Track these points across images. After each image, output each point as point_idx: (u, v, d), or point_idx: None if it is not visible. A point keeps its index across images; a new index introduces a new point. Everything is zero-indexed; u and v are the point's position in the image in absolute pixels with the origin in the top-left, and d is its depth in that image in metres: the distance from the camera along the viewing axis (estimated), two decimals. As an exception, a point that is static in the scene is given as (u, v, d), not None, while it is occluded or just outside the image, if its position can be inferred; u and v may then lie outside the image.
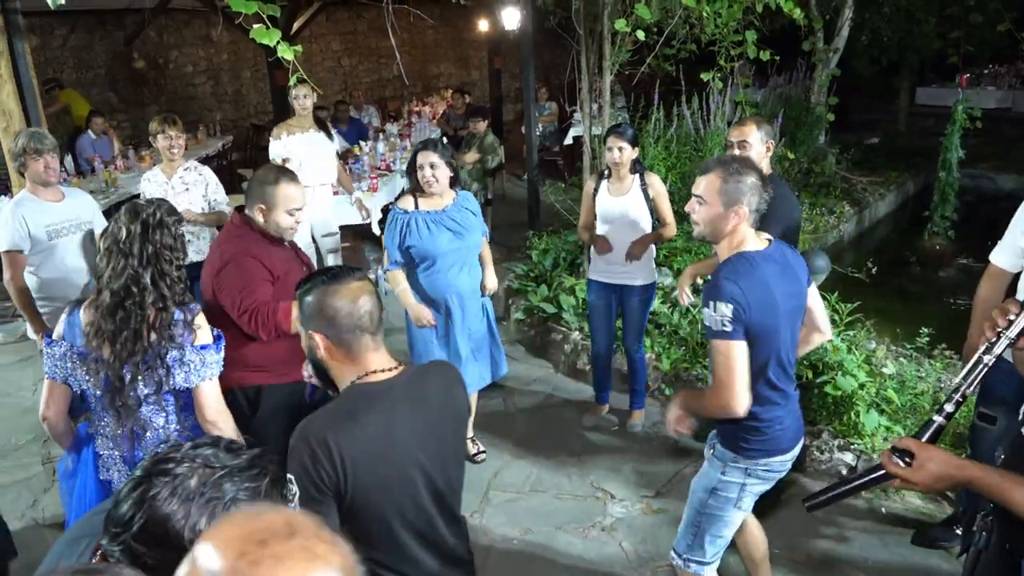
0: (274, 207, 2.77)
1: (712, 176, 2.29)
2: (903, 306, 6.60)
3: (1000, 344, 1.70)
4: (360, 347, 1.75)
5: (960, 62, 9.99)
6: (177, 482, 1.06)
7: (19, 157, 3.62)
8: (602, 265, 4.08)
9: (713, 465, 2.48)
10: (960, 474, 1.59)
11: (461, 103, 10.15)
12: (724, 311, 2.16)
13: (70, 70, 10.08)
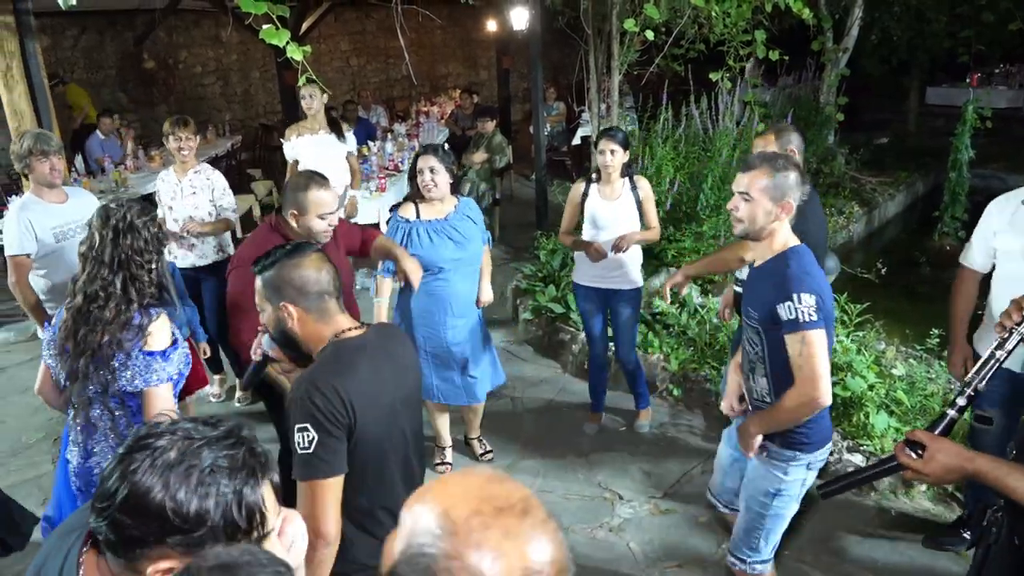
0: (305, 212, 2.83)
1: (758, 172, 2.31)
2: (912, 307, 6.56)
3: (1012, 340, 1.73)
4: (330, 310, 1.93)
5: (971, 61, 9.94)
6: (157, 454, 1.07)
7: (24, 158, 3.59)
8: (589, 269, 3.99)
9: (772, 467, 2.45)
10: (970, 466, 1.60)
11: (469, 103, 10.16)
12: (810, 301, 2.18)
13: (80, 70, 10.14)
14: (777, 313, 2.23)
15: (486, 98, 13.11)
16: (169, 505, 1.04)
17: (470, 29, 14.17)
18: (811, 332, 2.18)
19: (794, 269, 2.24)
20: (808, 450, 2.40)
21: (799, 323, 2.18)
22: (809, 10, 5.70)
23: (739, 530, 2.61)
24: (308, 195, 2.83)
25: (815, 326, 2.18)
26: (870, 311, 4.55)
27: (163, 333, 2.40)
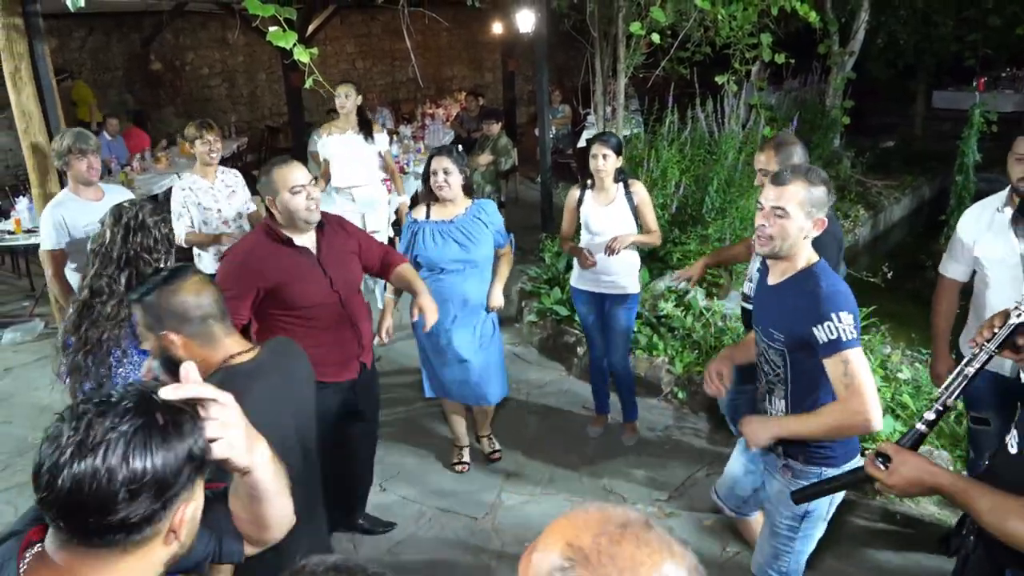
0: (276, 192, 2.78)
1: (795, 187, 2.17)
2: (918, 311, 6.51)
3: (981, 357, 1.74)
4: (216, 334, 1.88)
5: (978, 65, 9.91)
6: (69, 440, 1.05)
7: (63, 156, 3.72)
8: (586, 274, 3.99)
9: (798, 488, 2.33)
10: (931, 480, 1.63)
11: (475, 105, 10.18)
12: (848, 320, 2.07)
13: (88, 72, 10.19)
14: (814, 335, 2.09)
15: (491, 100, 13.12)
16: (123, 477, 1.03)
17: (476, 32, 14.19)
18: (853, 351, 2.06)
19: (826, 287, 2.12)
20: (835, 464, 2.27)
21: (841, 343, 2.06)
22: (815, 13, 5.69)
23: (767, 555, 2.48)
24: (272, 175, 2.79)
25: (855, 344, 2.07)
26: (875, 315, 4.55)
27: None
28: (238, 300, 2.70)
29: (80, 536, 1.05)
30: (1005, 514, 1.51)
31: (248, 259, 2.82)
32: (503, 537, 3.54)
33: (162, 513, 1.06)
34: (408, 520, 3.68)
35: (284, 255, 2.84)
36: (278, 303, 2.82)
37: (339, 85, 5.29)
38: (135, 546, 1.07)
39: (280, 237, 2.84)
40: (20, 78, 4.49)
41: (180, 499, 1.08)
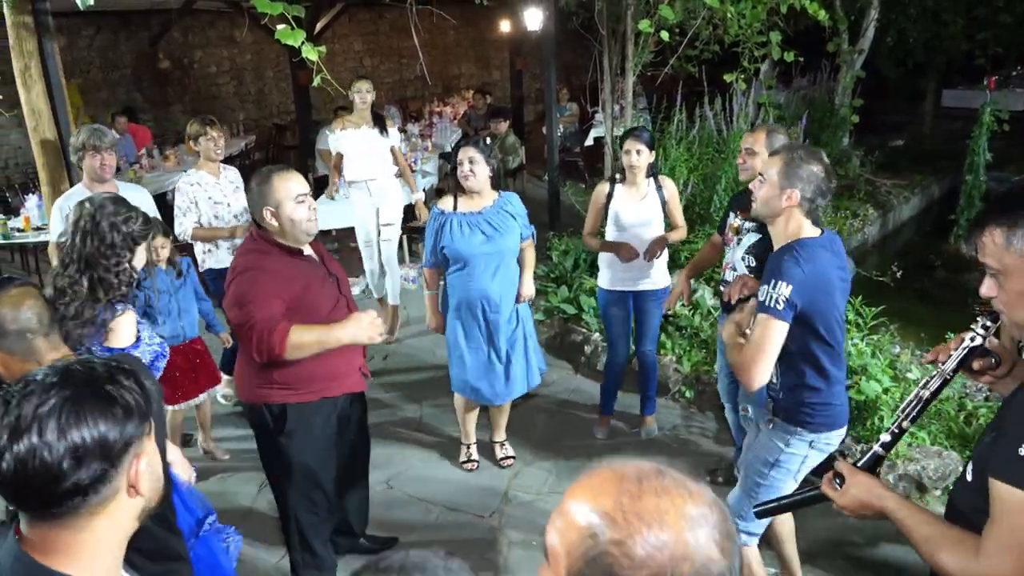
0: (279, 202, 2.62)
1: (776, 157, 2.41)
2: (927, 310, 6.52)
3: (935, 380, 1.74)
4: (38, 349, 1.82)
5: (988, 64, 9.84)
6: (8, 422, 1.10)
7: (78, 151, 3.78)
8: (619, 273, 3.98)
9: (775, 437, 2.52)
10: (878, 503, 1.63)
11: (482, 103, 10.17)
12: (783, 291, 2.22)
13: (96, 70, 10.22)
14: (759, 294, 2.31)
15: (499, 98, 13.10)
16: (65, 449, 1.07)
17: (483, 29, 14.17)
18: (770, 319, 2.24)
19: (787, 258, 2.28)
20: (811, 429, 2.46)
21: (764, 305, 2.25)
22: (825, 11, 5.67)
23: (733, 496, 2.66)
24: (272, 184, 2.63)
25: (774, 314, 2.23)
26: (885, 314, 4.52)
27: (127, 330, 2.38)
28: (272, 300, 2.59)
29: (41, 509, 1.11)
30: (937, 546, 1.49)
31: (267, 267, 2.65)
32: (511, 535, 3.53)
33: (113, 472, 1.12)
34: (415, 518, 3.68)
35: (298, 265, 2.73)
36: (293, 316, 2.67)
37: (358, 80, 5.34)
38: (99, 506, 1.13)
39: (289, 248, 2.71)
40: (30, 76, 4.51)
41: (129, 455, 1.14)
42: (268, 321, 2.54)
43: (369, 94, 5.40)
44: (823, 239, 2.39)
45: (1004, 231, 1.46)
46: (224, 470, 4.11)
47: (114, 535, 1.17)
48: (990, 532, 1.41)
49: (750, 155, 3.29)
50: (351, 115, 5.54)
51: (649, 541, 0.84)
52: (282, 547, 3.38)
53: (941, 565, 1.48)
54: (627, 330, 4.18)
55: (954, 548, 1.46)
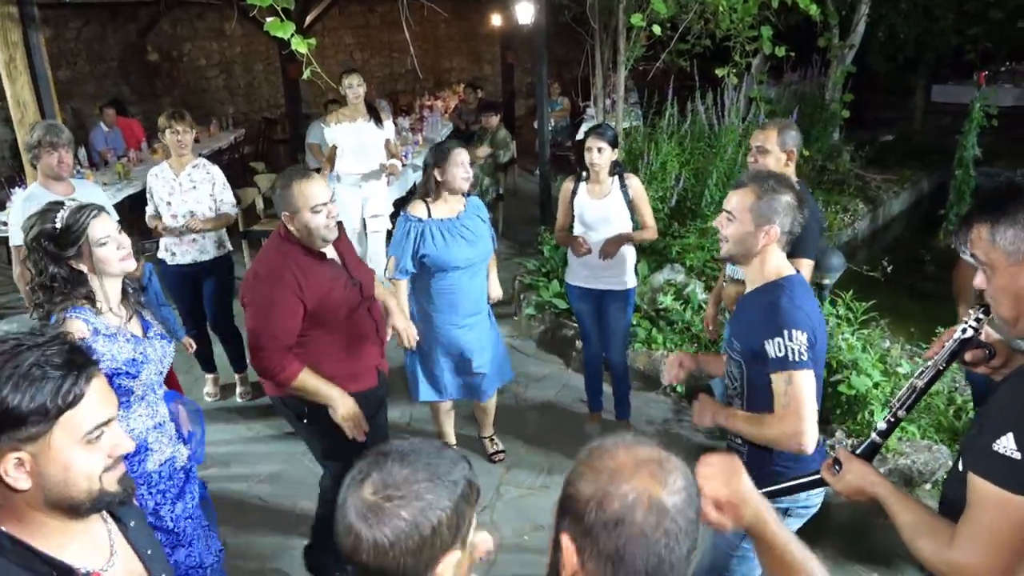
0: (297, 210, 2.60)
1: (745, 191, 2.16)
2: (917, 305, 6.53)
3: (929, 371, 1.76)
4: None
5: (978, 59, 9.86)
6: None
7: (33, 149, 3.65)
8: (581, 270, 3.95)
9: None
10: (870, 489, 1.69)
11: (473, 98, 10.14)
12: (801, 339, 2.02)
13: (83, 62, 10.11)
14: (765, 350, 2.06)
15: (490, 93, 13.08)
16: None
17: (474, 23, 14.13)
18: (799, 372, 2.02)
19: (786, 302, 2.07)
20: (787, 493, 2.10)
21: (787, 361, 2.02)
22: (816, 6, 5.66)
23: (702, 566, 2.41)
24: (294, 189, 2.59)
25: (803, 366, 2.02)
26: (875, 309, 4.52)
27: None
28: (287, 319, 2.59)
29: None
30: (917, 532, 1.55)
31: (284, 274, 2.61)
32: (502, 530, 3.52)
33: None
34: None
35: (319, 267, 2.70)
36: (313, 319, 2.66)
37: (347, 75, 5.30)
38: None
39: (310, 251, 2.68)
40: (15, 67, 4.47)
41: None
42: (282, 353, 2.60)
43: (360, 88, 5.36)
44: (800, 277, 2.21)
45: (989, 228, 1.49)
46: (216, 467, 4.08)
47: (17, 508, 1.23)
48: (963, 522, 1.46)
49: (762, 154, 3.17)
50: (345, 108, 5.51)
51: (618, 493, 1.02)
52: (273, 538, 3.37)
53: (918, 550, 1.55)
54: (596, 326, 4.11)
55: (932, 535, 1.52)
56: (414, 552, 1.12)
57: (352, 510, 1.13)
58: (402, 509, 1.12)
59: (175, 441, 2.52)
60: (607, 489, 1.02)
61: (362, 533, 1.11)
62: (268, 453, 4.22)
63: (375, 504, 1.12)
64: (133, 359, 2.29)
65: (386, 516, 1.12)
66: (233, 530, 3.52)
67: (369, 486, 1.14)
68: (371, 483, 1.14)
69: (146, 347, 2.35)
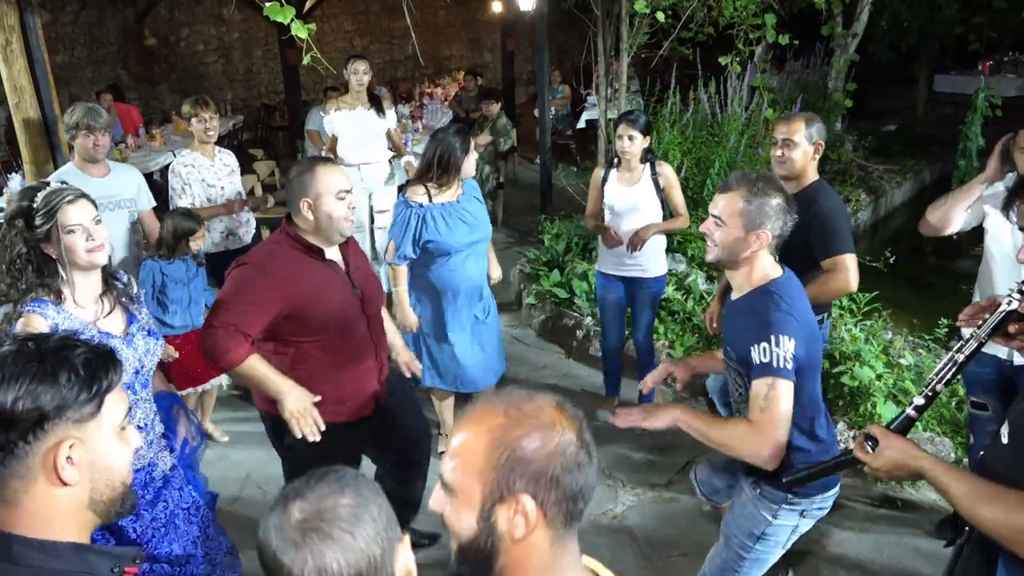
0: (319, 195, 2.45)
1: (733, 195, 2.09)
2: (919, 296, 6.52)
3: (971, 344, 1.74)
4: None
5: (982, 49, 9.79)
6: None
7: (71, 130, 3.70)
8: (612, 257, 3.97)
9: (761, 507, 2.21)
10: (914, 464, 1.65)
11: (473, 85, 10.07)
12: (788, 347, 1.97)
13: (81, 47, 10.03)
14: (751, 355, 2.01)
15: (490, 80, 13.00)
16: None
17: (475, 10, 14.03)
18: (782, 381, 1.96)
19: (775, 308, 2.02)
20: (805, 494, 2.16)
21: (771, 368, 1.96)
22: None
23: (713, 566, 2.39)
24: (316, 175, 2.46)
25: (786, 375, 1.96)
26: (877, 300, 4.50)
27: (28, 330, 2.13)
28: (254, 308, 2.41)
29: None
30: (976, 499, 1.53)
31: (270, 267, 2.47)
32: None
33: (20, 447, 1.10)
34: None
35: (315, 268, 2.52)
36: (300, 325, 2.48)
37: (354, 60, 5.20)
38: (16, 481, 1.10)
39: (309, 247, 2.52)
40: (11, 51, 4.41)
41: (43, 437, 1.11)
42: (233, 335, 2.37)
43: (366, 75, 5.27)
44: (789, 275, 2.16)
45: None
46: (218, 457, 4.06)
47: (49, 521, 1.14)
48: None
49: (788, 147, 3.03)
50: (346, 95, 5.42)
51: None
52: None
53: (978, 518, 1.53)
54: (619, 317, 4.15)
55: (993, 502, 1.50)
56: (375, 539, 1.15)
57: (288, 538, 1.12)
58: (340, 499, 1.15)
59: (159, 447, 2.37)
60: (555, 439, 1.11)
61: (320, 549, 1.11)
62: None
63: (313, 513, 1.13)
64: None
65: (329, 515, 1.13)
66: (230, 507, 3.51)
67: (295, 510, 1.13)
68: (295, 507, 1.14)
69: (116, 344, 2.17)
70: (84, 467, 1.15)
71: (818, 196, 3.04)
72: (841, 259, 2.95)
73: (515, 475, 1.07)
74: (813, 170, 3.12)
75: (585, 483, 1.12)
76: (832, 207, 3.03)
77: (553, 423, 1.12)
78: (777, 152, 3.07)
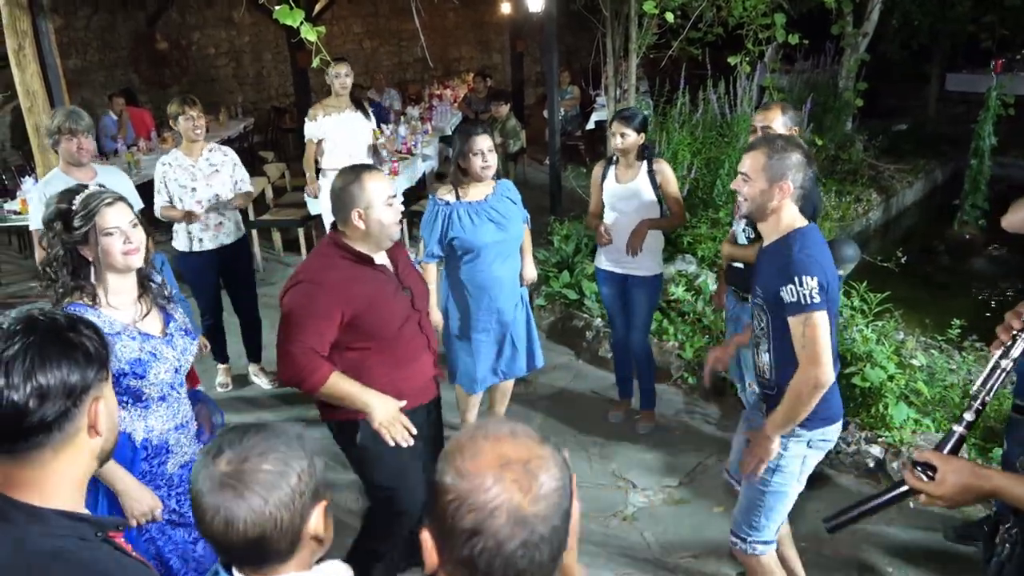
0: (370, 204, 2.46)
1: (757, 153, 2.33)
2: (931, 296, 6.48)
3: (1017, 347, 1.67)
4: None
5: (994, 47, 9.73)
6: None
7: (54, 135, 3.68)
8: (608, 254, 3.97)
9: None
10: (987, 484, 1.51)
11: (483, 87, 10.09)
12: (812, 284, 2.19)
13: (93, 51, 10.11)
14: (781, 296, 2.25)
15: (499, 82, 13.00)
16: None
17: (483, 12, 14.04)
18: (815, 314, 2.21)
19: (797, 252, 2.25)
20: (809, 426, 2.38)
21: (802, 305, 2.21)
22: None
23: (740, 508, 2.60)
24: (364, 184, 2.47)
25: (818, 307, 2.21)
26: (889, 300, 4.48)
27: None
28: (323, 325, 2.43)
29: (8, 444, 1.19)
30: None
31: (328, 280, 2.48)
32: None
33: (75, 410, 1.22)
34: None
35: (367, 276, 2.55)
36: (357, 332, 2.51)
37: (336, 62, 5.14)
38: (62, 444, 1.22)
39: (361, 256, 2.54)
40: (24, 56, 4.45)
41: (89, 396, 1.24)
42: (311, 356, 2.41)
43: (348, 77, 5.27)
44: (813, 227, 2.39)
45: None
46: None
47: (75, 471, 1.27)
48: None
49: (766, 132, 3.19)
50: (330, 99, 5.40)
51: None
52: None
53: None
54: (622, 311, 4.11)
55: None
56: (287, 504, 1.23)
57: (209, 485, 1.23)
58: (263, 463, 1.23)
59: (194, 442, 2.43)
60: (466, 497, 0.97)
61: (230, 505, 1.21)
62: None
63: (235, 471, 1.23)
64: (138, 359, 2.18)
65: (248, 476, 1.22)
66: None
67: (222, 461, 1.24)
68: (223, 458, 1.24)
69: (157, 345, 2.24)
70: (104, 417, 1.28)
71: None
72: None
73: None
74: None
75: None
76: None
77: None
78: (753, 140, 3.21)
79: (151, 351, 2.21)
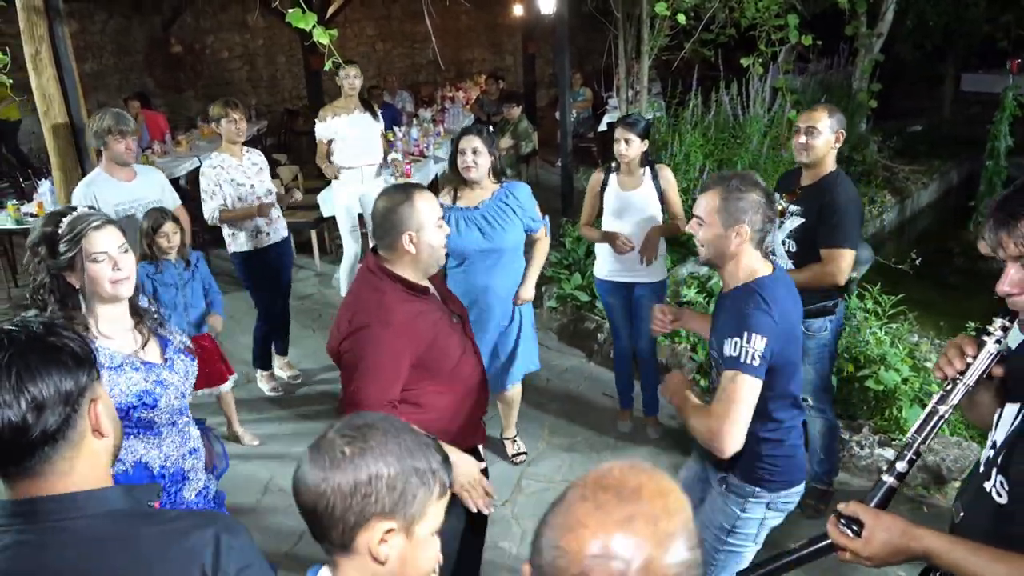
0: (421, 227, 2.23)
1: (710, 194, 2.15)
2: (946, 298, 6.43)
3: (957, 393, 1.55)
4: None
5: (1010, 46, 9.65)
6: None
7: (102, 136, 3.79)
8: (611, 264, 3.90)
9: (729, 501, 2.28)
10: (917, 546, 1.37)
11: (495, 88, 10.10)
12: (758, 345, 2.01)
13: (108, 55, 10.20)
14: (724, 347, 2.07)
15: (511, 84, 13.01)
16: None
17: (496, 14, 14.06)
18: (747, 377, 2.01)
19: (753, 307, 2.06)
20: (770, 488, 2.21)
21: (739, 362, 2.02)
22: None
23: None
24: (416, 205, 2.22)
25: (752, 372, 2.01)
26: (903, 303, 4.45)
27: None
28: (396, 369, 2.20)
29: (16, 465, 1.17)
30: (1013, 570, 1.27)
31: (393, 319, 2.20)
32: (523, 524, 3.52)
33: (75, 416, 1.20)
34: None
35: (423, 308, 2.29)
36: (419, 371, 2.26)
37: (344, 65, 5.18)
38: (72, 452, 1.20)
39: (412, 286, 2.28)
40: (40, 60, 4.48)
41: (86, 399, 1.22)
42: (389, 412, 2.06)
43: (357, 79, 5.35)
44: (779, 273, 2.21)
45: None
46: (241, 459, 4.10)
47: (98, 473, 1.26)
48: None
49: (811, 135, 3.08)
50: (339, 101, 5.47)
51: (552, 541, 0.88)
52: (289, 536, 3.38)
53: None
54: (627, 320, 4.07)
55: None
56: (344, 495, 1.17)
57: (308, 453, 1.23)
58: (347, 446, 1.19)
59: (206, 472, 2.38)
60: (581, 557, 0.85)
61: (305, 469, 1.21)
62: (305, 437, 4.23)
63: (328, 440, 1.21)
64: (146, 390, 2.08)
65: (327, 448, 1.20)
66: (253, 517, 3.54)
67: (332, 432, 1.23)
68: (335, 430, 1.23)
69: (161, 372, 2.14)
70: (106, 417, 1.27)
71: (834, 186, 3.11)
72: (837, 252, 3.03)
73: None
74: (832, 160, 3.17)
75: None
76: (846, 199, 3.07)
77: None
78: (800, 139, 3.14)
79: (156, 380, 2.12)
